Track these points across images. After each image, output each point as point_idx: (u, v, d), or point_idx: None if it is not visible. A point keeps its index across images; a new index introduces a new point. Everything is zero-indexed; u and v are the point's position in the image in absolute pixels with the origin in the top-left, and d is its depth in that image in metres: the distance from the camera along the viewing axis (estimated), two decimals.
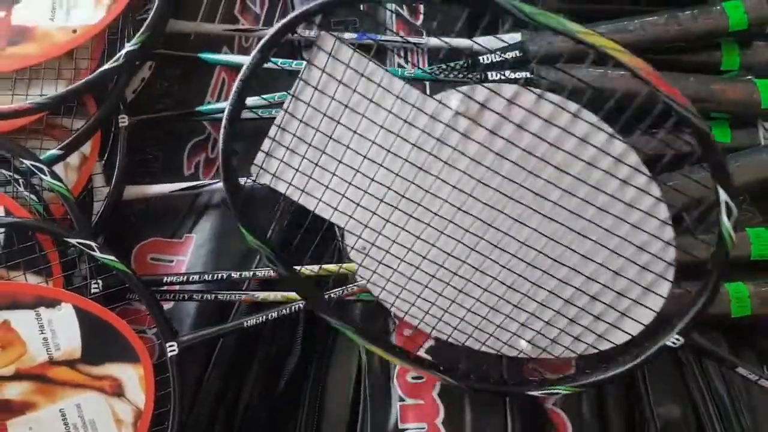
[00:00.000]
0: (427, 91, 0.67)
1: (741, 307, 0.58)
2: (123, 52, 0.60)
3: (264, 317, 0.58)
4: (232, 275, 0.60)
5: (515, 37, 0.65)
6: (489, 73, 0.62)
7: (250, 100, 0.61)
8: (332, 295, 0.58)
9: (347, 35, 0.65)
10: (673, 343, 0.51)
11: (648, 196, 0.48)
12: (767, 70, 0.65)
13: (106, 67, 0.59)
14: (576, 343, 0.53)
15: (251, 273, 0.61)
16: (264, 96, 0.62)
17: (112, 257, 0.57)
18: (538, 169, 0.48)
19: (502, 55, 0.63)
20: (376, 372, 0.61)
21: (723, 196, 0.44)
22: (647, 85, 0.42)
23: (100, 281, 0.58)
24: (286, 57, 0.65)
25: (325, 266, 0.58)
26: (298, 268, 0.56)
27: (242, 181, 0.52)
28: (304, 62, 0.48)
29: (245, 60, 0.64)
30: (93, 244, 0.57)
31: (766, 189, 0.65)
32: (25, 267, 0.57)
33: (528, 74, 0.61)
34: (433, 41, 0.67)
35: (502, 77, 0.61)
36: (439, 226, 0.51)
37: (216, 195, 0.66)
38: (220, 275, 0.60)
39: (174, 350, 0.58)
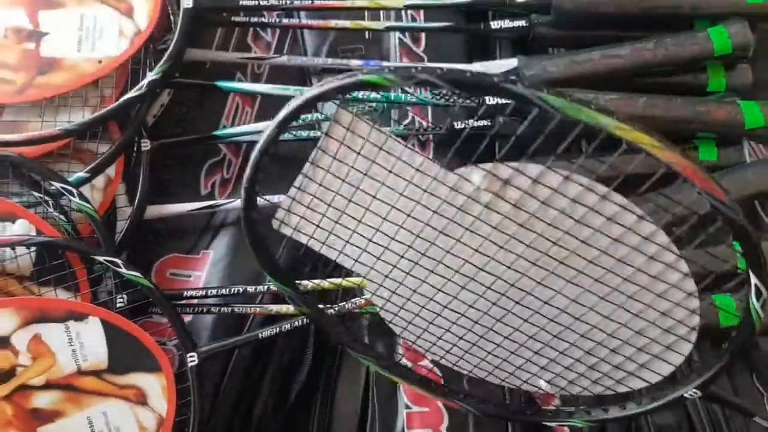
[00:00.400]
0: (429, 116, 0.71)
1: (728, 317, 0.61)
2: (145, 81, 0.64)
3: (278, 329, 0.62)
4: (248, 289, 0.64)
5: (511, 62, 0.69)
6: (487, 98, 0.66)
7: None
8: (336, 307, 0.62)
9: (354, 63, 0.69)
10: (691, 395, 0.52)
11: (675, 272, 0.47)
12: (751, 92, 0.68)
13: (130, 95, 0.63)
14: (594, 385, 0.55)
15: (266, 287, 0.65)
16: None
17: (137, 273, 0.61)
18: (563, 241, 0.47)
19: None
20: (384, 381, 0.64)
21: (754, 280, 0.44)
22: (684, 181, 0.41)
23: (125, 296, 0.62)
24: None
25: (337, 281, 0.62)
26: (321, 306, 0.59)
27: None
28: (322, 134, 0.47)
29: (259, 88, 0.69)
30: (119, 261, 0.60)
31: (752, 205, 0.69)
32: (55, 283, 0.61)
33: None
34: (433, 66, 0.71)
35: (500, 102, 0.65)
36: (461, 282, 0.51)
37: (231, 213, 0.70)
38: (236, 289, 0.64)
39: (194, 360, 0.61)
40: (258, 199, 0.48)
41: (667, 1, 0.67)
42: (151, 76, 0.64)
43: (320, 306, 0.59)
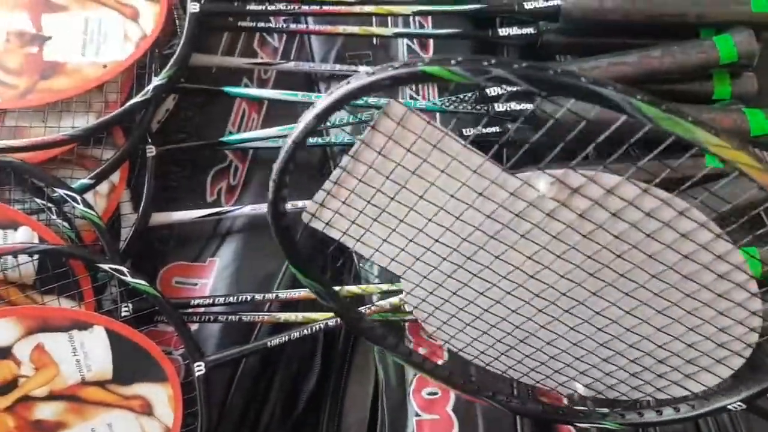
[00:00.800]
0: (437, 121, 0.71)
1: None
2: (151, 86, 0.63)
3: (287, 337, 0.61)
4: (256, 297, 0.63)
5: None
6: (496, 105, 0.66)
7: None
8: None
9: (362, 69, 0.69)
10: (735, 408, 0.50)
11: (744, 292, 0.45)
12: (757, 100, 0.69)
13: (135, 100, 0.62)
14: (634, 391, 0.54)
15: (274, 295, 0.64)
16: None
17: (143, 282, 0.60)
18: (629, 255, 0.44)
19: (507, 88, 0.66)
20: (393, 388, 0.64)
21: None
22: None
23: (130, 304, 0.61)
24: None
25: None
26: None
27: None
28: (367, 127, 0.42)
29: (266, 93, 0.69)
30: (124, 269, 0.59)
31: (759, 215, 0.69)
32: (58, 292, 0.60)
33: (533, 106, 0.64)
34: None
35: (509, 109, 0.65)
36: (507, 287, 0.49)
37: (238, 220, 0.69)
38: (245, 297, 0.63)
39: (201, 370, 0.60)
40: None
41: (673, 10, 0.67)
42: (157, 81, 0.63)
43: (349, 303, 0.57)
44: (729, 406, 0.50)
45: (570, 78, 0.35)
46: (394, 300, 0.62)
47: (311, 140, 0.58)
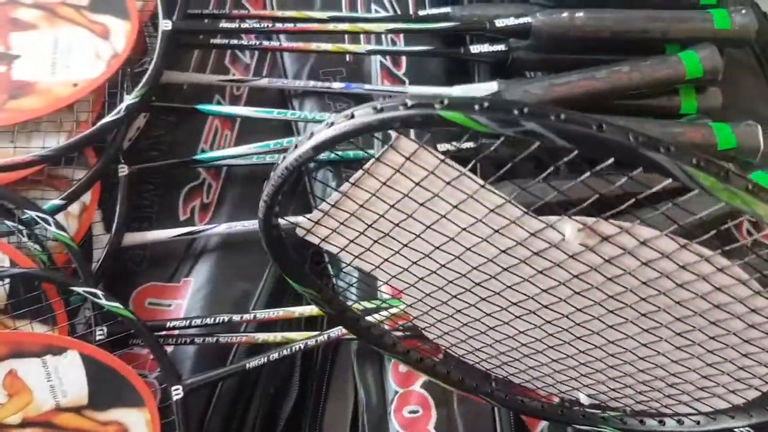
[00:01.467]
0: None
1: None
2: (124, 105, 0.62)
3: (265, 358, 0.61)
4: (234, 318, 0.63)
5: (491, 86, 0.70)
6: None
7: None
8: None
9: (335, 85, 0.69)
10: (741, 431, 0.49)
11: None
12: (723, 114, 0.71)
13: (108, 119, 0.61)
14: (638, 405, 0.53)
15: (251, 315, 0.63)
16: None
17: (118, 304, 0.59)
18: (654, 299, 0.42)
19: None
20: (373, 407, 0.64)
21: None
22: None
23: (105, 328, 0.60)
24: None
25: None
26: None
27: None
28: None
29: (240, 111, 0.69)
30: (99, 292, 0.58)
31: (725, 224, 0.71)
32: (31, 316, 0.59)
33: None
34: (414, 89, 0.72)
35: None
36: (517, 312, 0.47)
37: (212, 239, 0.69)
38: (221, 318, 0.62)
39: (179, 393, 0.59)
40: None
41: (639, 26, 0.69)
42: (129, 99, 0.62)
43: (345, 305, 0.55)
44: (735, 430, 0.49)
45: (617, 136, 0.30)
46: (374, 318, 0.62)
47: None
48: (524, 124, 0.30)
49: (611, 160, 0.31)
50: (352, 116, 0.33)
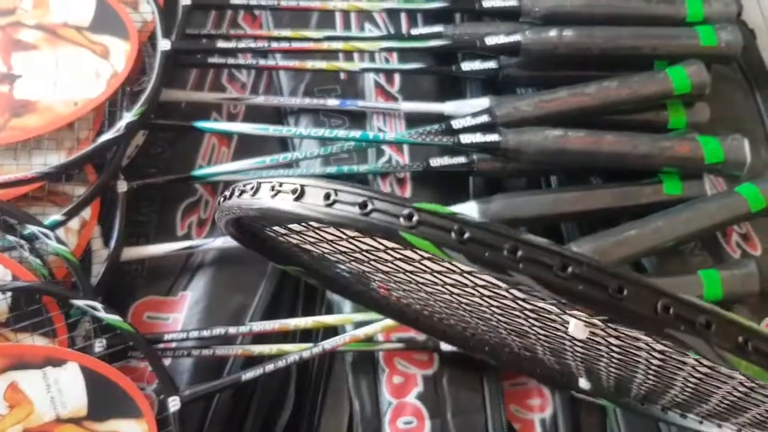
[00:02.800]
0: (406, 154, 0.73)
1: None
2: (123, 123, 0.63)
3: (262, 369, 0.62)
4: (230, 330, 0.64)
5: (483, 102, 0.71)
6: (461, 136, 0.68)
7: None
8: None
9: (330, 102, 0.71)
10: None
11: None
12: (710, 128, 0.72)
13: (108, 137, 0.63)
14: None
15: (248, 328, 0.64)
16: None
17: (117, 317, 0.60)
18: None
19: (473, 119, 0.69)
20: (369, 419, 0.64)
21: None
22: None
23: (104, 340, 0.61)
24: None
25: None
26: None
27: None
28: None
29: (236, 127, 0.70)
30: (98, 305, 0.60)
31: (714, 235, 0.72)
32: (32, 329, 0.60)
33: (497, 137, 0.66)
34: (407, 105, 0.73)
35: (473, 141, 0.67)
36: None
37: (209, 254, 0.70)
38: (218, 331, 0.64)
39: (176, 405, 0.60)
40: None
41: (628, 43, 0.71)
42: (128, 117, 0.64)
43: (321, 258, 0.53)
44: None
45: (640, 307, 0.22)
46: (368, 329, 0.63)
47: None
48: (514, 274, 0.22)
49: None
50: (301, 194, 0.26)
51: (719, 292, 0.65)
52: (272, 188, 0.27)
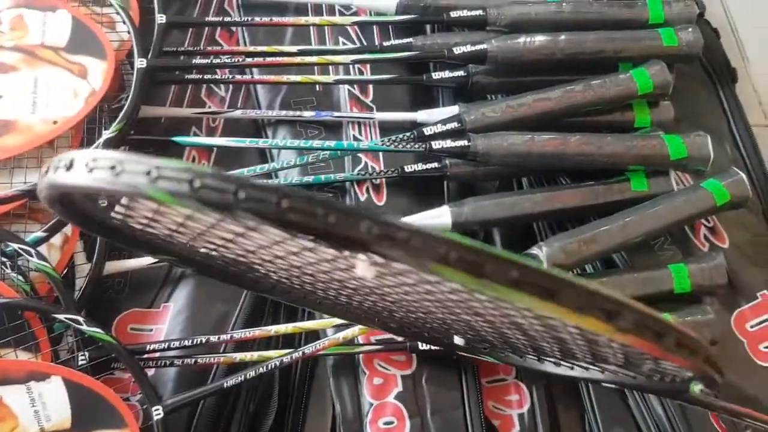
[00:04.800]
0: (381, 161, 0.74)
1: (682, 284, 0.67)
2: (102, 140, 0.65)
3: (243, 376, 0.63)
4: (212, 339, 0.65)
5: (453, 109, 0.73)
6: (433, 143, 0.69)
7: None
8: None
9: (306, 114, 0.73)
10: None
11: None
12: (675, 126, 0.74)
13: None
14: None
15: (229, 336, 0.65)
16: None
17: (99, 330, 0.61)
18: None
19: (443, 126, 0.70)
20: (350, 421, 0.65)
21: None
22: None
23: (87, 353, 0.62)
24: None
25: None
26: None
27: None
28: None
29: (215, 141, 0.72)
30: (80, 318, 0.61)
31: (683, 230, 0.74)
32: (15, 344, 0.61)
33: (466, 142, 0.68)
34: (381, 115, 0.75)
35: (444, 147, 0.69)
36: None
37: None
38: (199, 340, 0.65)
39: (159, 414, 0.61)
40: None
41: (592, 47, 0.73)
42: (107, 134, 0.66)
43: None
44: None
45: (344, 230, 0.25)
46: (347, 333, 0.65)
47: None
48: (238, 213, 0.25)
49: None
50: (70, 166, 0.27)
51: (688, 285, 0.67)
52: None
